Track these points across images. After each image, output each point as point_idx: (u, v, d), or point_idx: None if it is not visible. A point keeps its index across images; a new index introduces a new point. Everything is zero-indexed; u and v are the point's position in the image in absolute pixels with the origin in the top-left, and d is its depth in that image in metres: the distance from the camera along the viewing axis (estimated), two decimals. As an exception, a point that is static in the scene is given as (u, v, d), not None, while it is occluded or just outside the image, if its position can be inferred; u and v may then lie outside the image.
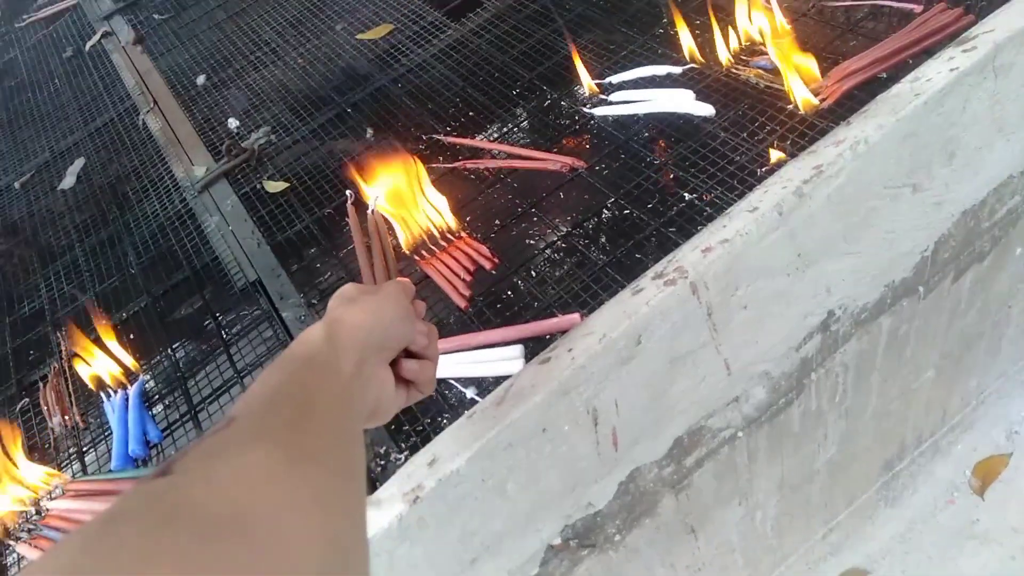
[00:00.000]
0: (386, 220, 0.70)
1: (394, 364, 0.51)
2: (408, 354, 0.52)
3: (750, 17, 1.08)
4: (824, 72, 0.96)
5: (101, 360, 1.01)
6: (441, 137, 1.19)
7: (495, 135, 1.17)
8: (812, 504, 1.17)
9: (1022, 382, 1.43)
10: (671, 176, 0.97)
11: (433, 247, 0.99)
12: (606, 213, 0.96)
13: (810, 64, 0.96)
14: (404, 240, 1.00)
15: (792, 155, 0.86)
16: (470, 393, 0.80)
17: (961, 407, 1.30)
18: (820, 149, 0.75)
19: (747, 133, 0.98)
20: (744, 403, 0.84)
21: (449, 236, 1.01)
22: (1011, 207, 0.93)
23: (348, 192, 0.81)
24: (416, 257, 1.00)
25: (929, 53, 0.83)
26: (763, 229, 0.70)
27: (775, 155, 0.90)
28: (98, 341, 1.04)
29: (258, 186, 1.24)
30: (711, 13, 1.10)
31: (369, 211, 0.68)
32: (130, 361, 1.03)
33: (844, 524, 1.32)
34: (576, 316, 0.80)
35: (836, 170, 0.72)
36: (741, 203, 0.74)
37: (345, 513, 0.32)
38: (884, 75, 0.92)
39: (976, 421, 1.40)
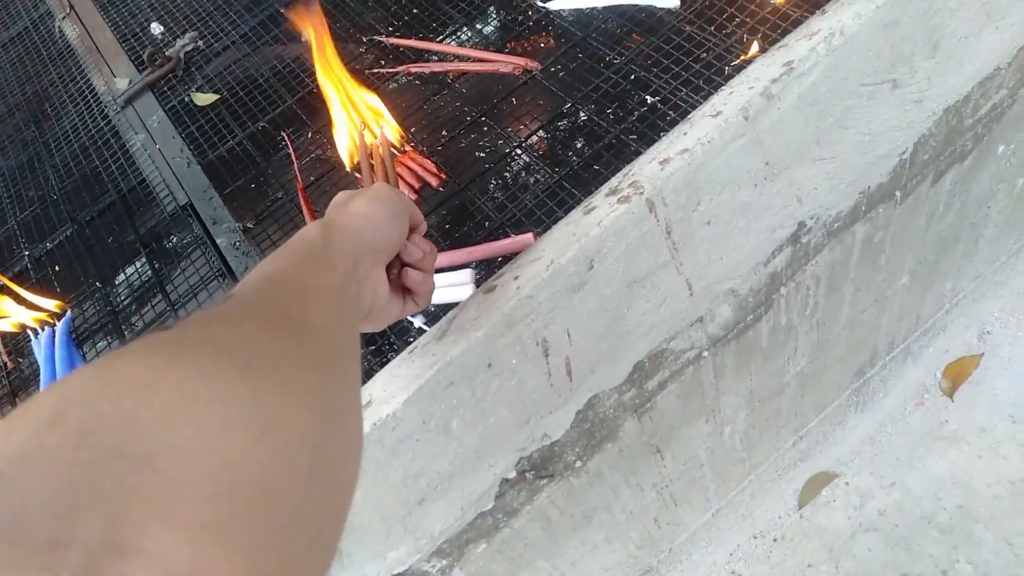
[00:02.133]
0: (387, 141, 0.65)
1: (397, 275, 0.51)
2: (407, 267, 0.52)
3: None
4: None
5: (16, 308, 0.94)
6: (383, 39, 1.08)
7: (443, 35, 1.06)
8: (782, 415, 1.15)
9: (997, 283, 1.40)
10: (632, 77, 0.88)
11: (373, 163, 0.91)
12: (562, 120, 0.88)
13: None
14: (347, 157, 0.92)
15: (764, 50, 0.78)
16: (417, 322, 0.75)
17: (935, 311, 1.27)
18: (791, 43, 0.67)
19: (715, 26, 0.89)
20: (709, 323, 0.79)
21: (392, 150, 0.92)
22: (996, 102, 0.86)
23: (359, 122, 0.74)
24: (356, 175, 0.92)
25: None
26: (727, 136, 0.63)
27: (747, 51, 0.81)
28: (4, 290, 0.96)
29: (186, 99, 1.13)
30: None
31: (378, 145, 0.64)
32: (50, 304, 0.96)
33: (814, 431, 1.31)
34: (530, 236, 0.73)
35: (808, 66, 0.64)
36: (703, 107, 0.67)
37: (340, 382, 0.31)
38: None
39: (949, 323, 1.38)
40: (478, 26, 1.06)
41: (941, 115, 0.80)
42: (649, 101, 0.84)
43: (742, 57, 0.81)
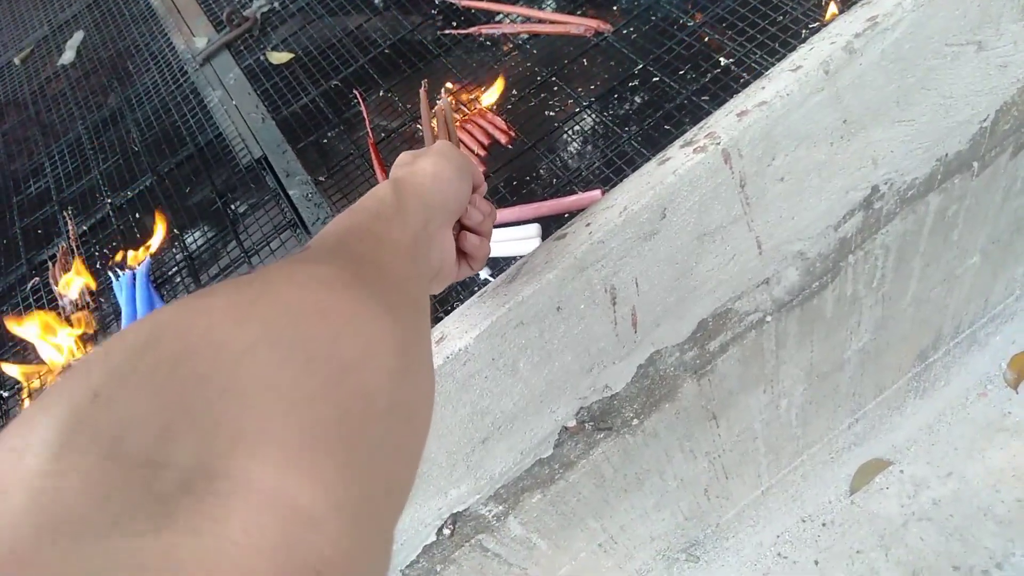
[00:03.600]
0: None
1: (456, 238, 0.51)
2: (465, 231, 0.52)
3: None
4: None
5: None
6: (455, 1, 1.09)
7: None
8: (840, 393, 1.13)
9: (1071, 272, 1.36)
10: (706, 39, 0.88)
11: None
12: (633, 81, 0.88)
13: None
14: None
15: (843, 12, 0.77)
16: (484, 274, 0.76)
17: (1004, 296, 1.23)
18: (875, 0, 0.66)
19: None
20: (775, 285, 0.79)
21: (463, 108, 0.94)
22: (1087, 73, 0.84)
23: (423, 81, 0.76)
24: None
25: None
26: (806, 90, 0.63)
27: (828, 12, 0.80)
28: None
29: (261, 58, 1.17)
30: None
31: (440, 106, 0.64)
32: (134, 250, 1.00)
33: (871, 414, 1.29)
34: (597, 193, 0.74)
35: (893, 22, 0.63)
36: (783, 63, 0.66)
37: (416, 331, 0.32)
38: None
39: (1018, 311, 1.34)
40: (550, -8, 1.06)
41: (1026, 82, 0.78)
42: (723, 63, 0.84)
43: (819, 21, 0.80)
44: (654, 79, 0.87)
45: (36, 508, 0.18)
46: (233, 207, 1.01)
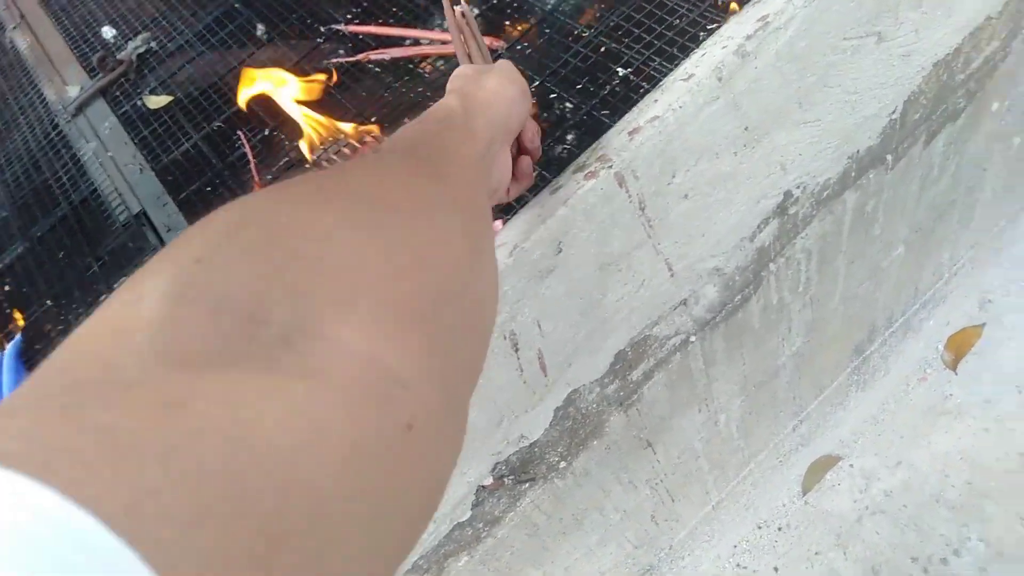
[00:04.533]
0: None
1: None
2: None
3: None
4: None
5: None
6: (342, 27, 1.03)
7: (403, 18, 1.01)
8: (779, 399, 1.10)
9: (996, 249, 1.36)
10: (603, 50, 0.83)
11: (336, 155, 0.86)
12: (531, 99, 0.82)
13: None
14: (306, 145, 0.87)
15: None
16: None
17: (933, 282, 1.22)
18: (767, -4, 0.62)
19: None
20: (694, 305, 0.74)
21: (354, 143, 0.87)
22: (988, 55, 0.81)
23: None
24: (323, 163, 0.87)
25: None
26: (700, 100, 0.58)
27: (725, 13, 0.76)
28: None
29: (139, 103, 1.08)
30: None
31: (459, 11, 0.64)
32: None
33: (814, 414, 1.26)
34: (497, 223, 0.68)
35: (785, 20, 0.59)
36: (675, 71, 0.62)
37: (484, 231, 0.33)
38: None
39: (948, 294, 1.33)
40: (440, 4, 1.00)
41: (931, 70, 0.75)
42: (621, 74, 0.79)
43: (718, 21, 0.76)
44: (551, 96, 0.81)
45: (159, 344, 0.19)
46: (111, 270, 0.92)
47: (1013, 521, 1.27)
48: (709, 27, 0.76)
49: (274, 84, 0.82)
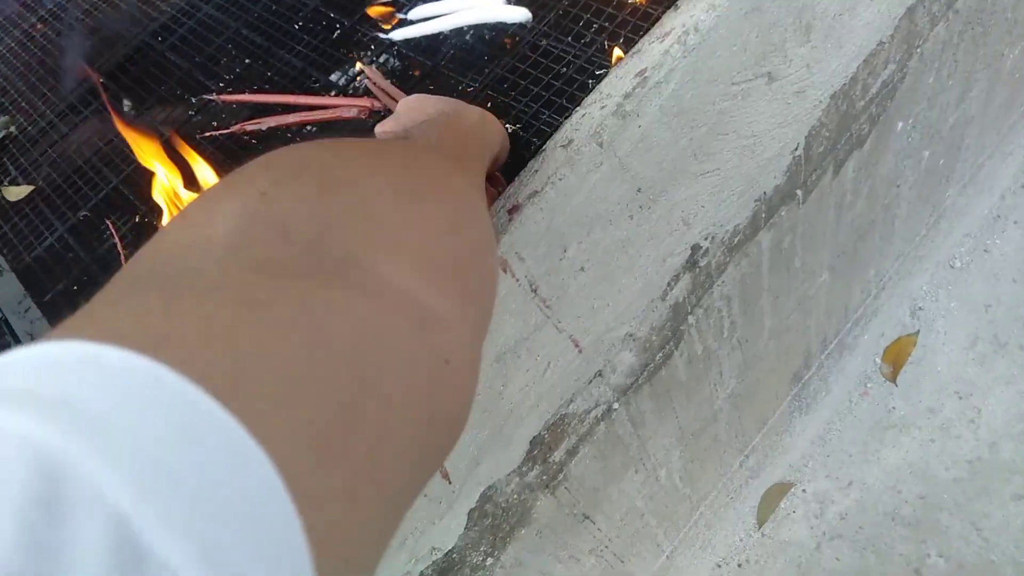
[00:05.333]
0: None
1: None
2: None
3: None
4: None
5: None
6: (214, 97, 0.95)
7: (280, 85, 0.94)
8: (721, 441, 1.05)
9: (919, 257, 1.35)
10: (489, 105, 0.78)
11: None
12: (415, 165, 0.76)
13: None
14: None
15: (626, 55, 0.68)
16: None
17: (863, 299, 1.20)
18: (644, 47, 0.57)
19: (572, 36, 0.78)
20: (611, 375, 0.68)
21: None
22: (886, 79, 0.79)
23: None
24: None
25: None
26: (583, 169, 0.53)
27: (610, 59, 0.71)
28: None
29: (-1, 195, 0.98)
30: None
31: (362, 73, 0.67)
32: None
33: (759, 446, 1.22)
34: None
35: (665, 73, 0.54)
36: (555, 135, 0.56)
37: (487, 230, 0.35)
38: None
39: (880, 308, 1.31)
40: (318, 71, 0.94)
41: (829, 102, 0.72)
42: (510, 130, 0.74)
43: (605, 67, 0.71)
44: (439, 158, 0.75)
45: (239, 254, 0.22)
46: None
47: (969, 531, 1.25)
48: (597, 72, 0.72)
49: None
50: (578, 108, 0.58)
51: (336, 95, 0.88)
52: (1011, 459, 1.27)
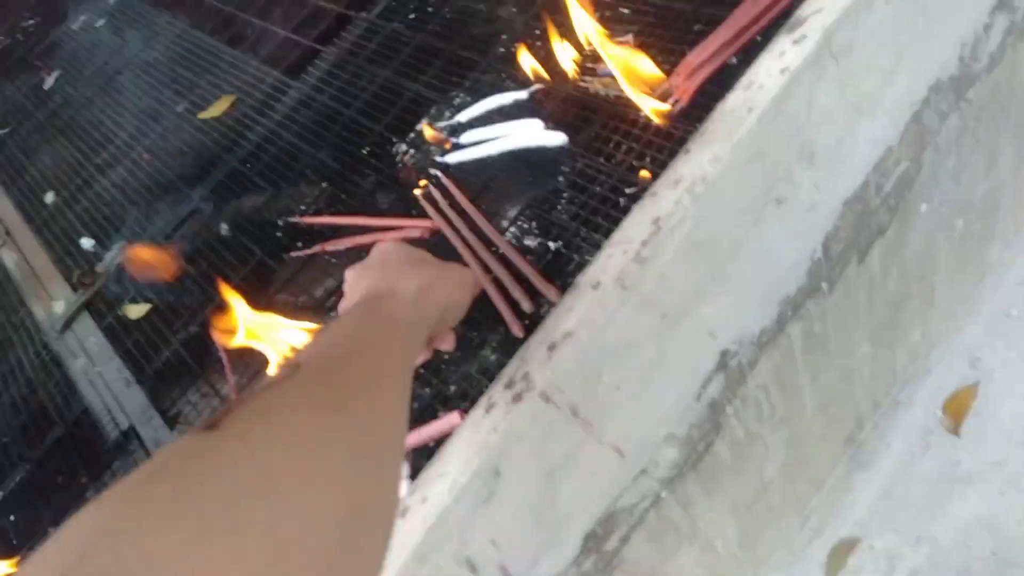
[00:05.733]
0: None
1: None
2: None
3: (578, 21, 0.98)
4: (673, 69, 0.87)
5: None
6: (298, 220, 1.09)
7: (354, 205, 1.07)
8: (776, 509, 1.10)
9: (971, 312, 1.37)
10: (533, 223, 0.88)
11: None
12: (472, 282, 0.87)
13: (650, 67, 0.86)
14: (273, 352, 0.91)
15: (655, 174, 0.77)
16: None
17: (911, 360, 1.23)
18: (659, 192, 0.66)
19: (604, 156, 0.88)
20: (655, 470, 0.76)
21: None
22: (900, 175, 0.85)
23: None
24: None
25: (779, 25, 0.73)
26: (609, 309, 0.62)
27: (637, 179, 0.80)
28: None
29: (120, 313, 1.14)
30: (547, 21, 1.00)
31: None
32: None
33: (820, 507, 1.25)
34: (456, 416, 0.71)
35: (677, 220, 0.63)
36: (587, 273, 0.65)
37: (379, 478, 0.33)
38: (735, 60, 0.82)
39: (933, 364, 1.33)
40: (385, 189, 1.06)
41: (842, 209, 0.79)
42: (552, 248, 0.83)
43: (635, 184, 0.80)
44: (490, 273, 0.86)
45: None
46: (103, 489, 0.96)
47: (1043, 587, 1.24)
48: (627, 191, 0.81)
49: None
50: (606, 247, 0.67)
51: (404, 215, 0.99)
52: (1083, 511, 1.26)
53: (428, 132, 1.04)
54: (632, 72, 0.86)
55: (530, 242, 0.85)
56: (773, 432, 0.95)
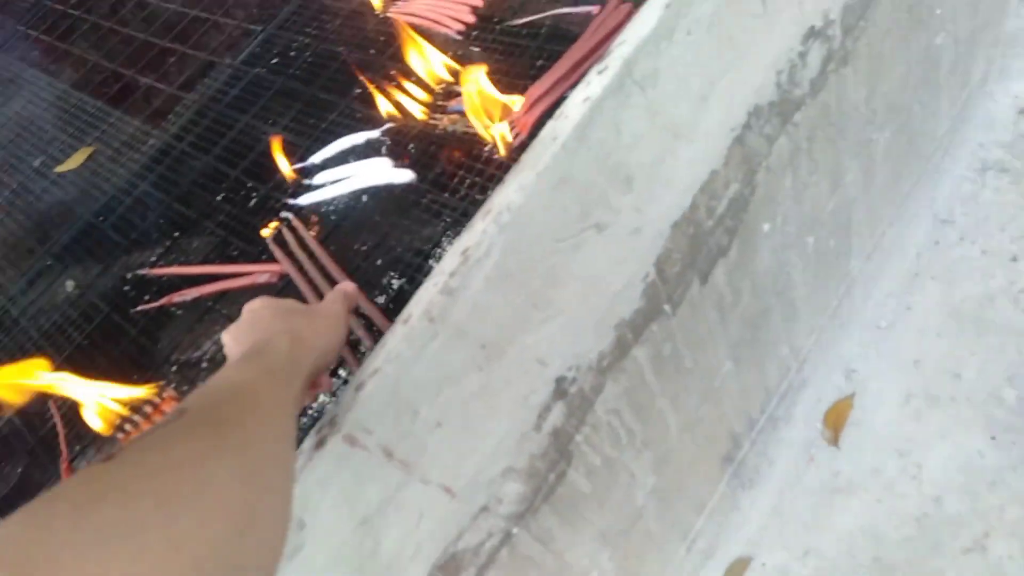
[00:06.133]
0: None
1: None
2: None
3: (425, 59, 0.98)
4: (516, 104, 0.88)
5: None
6: (146, 271, 1.04)
7: (205, 254, 1.03)
8: (656, 535, 1.09)
9: (841, 324, 1.41)
10: (378, 262, 0.87)
11: (137, 420, 0.85)
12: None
13: (497, 99, 0.87)
14: (100, 424, 0.86)
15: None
16: None
17: (783, 375, 1.25)
18: (474, 223, 0.65)
19: (449, 191, 0.88)
20: (498, 506, 0.74)
21: (149, 404, 0.87)
22: (732, 196, 0.87)
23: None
24: (119, 435, 0.86)
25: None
26: (418, 344, 0.60)
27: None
28: None
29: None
30: (403, 61, 1.01)
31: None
32: None
33: (706, 530, 1.25)
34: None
35: (485, 249, 0.62)
36: (403, 312, 0.64)
37: (267, 487, 0.36)
38: (571, 92, 0.84)
39: (807, 379, 1.37)
40: (237, 234, 1.03)
41: (671, 231, 0.80)
42: (395, 285, 0.82)
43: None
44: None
45: None
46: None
47: (924, 590, 1.27)
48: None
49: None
50: (426, 281, 0.66)
51: (255, 261, 0.96)
52: (956, 512, 1.30)
53: (282, 174, 1.02)
54: (478, 108, 0.87)
55: (377, 279, 0.83)
56: (636, 457, 0.95)
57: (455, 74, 0.98)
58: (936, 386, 1.41)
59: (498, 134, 0.84)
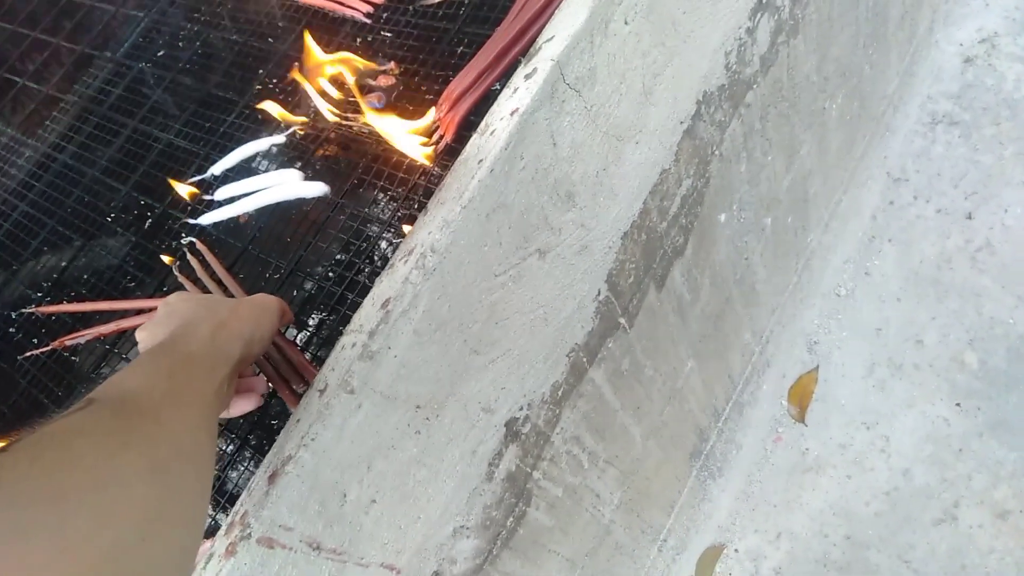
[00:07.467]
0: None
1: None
2: None
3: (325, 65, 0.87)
4: (437, 100, 0.77)
5: None
6: (35, 310, 0.92)
7: (98, 286, 0.91)
8: (625, 546, 1.03)
9: (801, 298, 1.36)
10: (294, 292, 0.76)
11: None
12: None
13: (410, 122, 0.76)
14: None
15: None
16: None
17: (747, 362, 1.20)
18: (395, 264, 0.56)
19: (369, 204, 0.78)
20: (452, 567, 0.66)
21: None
22: (685, 193, 0.79)
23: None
24: None
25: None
26: (336, 422, 0.51)
27: (404, 223, 0.70)
28: None
29: None
30: (306, 50, 0.89)
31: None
32: None
33: (677, 527, 1.20)
34: (206, 544, 0.59)
35: (410, 300, 0.53)
36: (317, 379, 0.54)
37: (179, 487, 0.34)
38: (499, 86, 0.73)
39: (771, 358, 1.31)
40: (131, 260, 0.91)
41: (621, 243, 0.71)
42: (317, 317, 0.72)
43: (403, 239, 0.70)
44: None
45: None
46: None
47: (898, 566, 1.25)
48: (395, 241, 0.70)
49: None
50: (345, 335, 0.56)
51: (154, 294, 0.85)
52: (925, 484, 1.28)
53: (179, 189, 0.90)
54: (391, 136, 0.76)
55: (294, 311, 0.73)
56: (600, 477, 0.88)
57: (364, 67, 0.87)
58: (899, 354, 1.37)
59: (416, 147, 0.74)
